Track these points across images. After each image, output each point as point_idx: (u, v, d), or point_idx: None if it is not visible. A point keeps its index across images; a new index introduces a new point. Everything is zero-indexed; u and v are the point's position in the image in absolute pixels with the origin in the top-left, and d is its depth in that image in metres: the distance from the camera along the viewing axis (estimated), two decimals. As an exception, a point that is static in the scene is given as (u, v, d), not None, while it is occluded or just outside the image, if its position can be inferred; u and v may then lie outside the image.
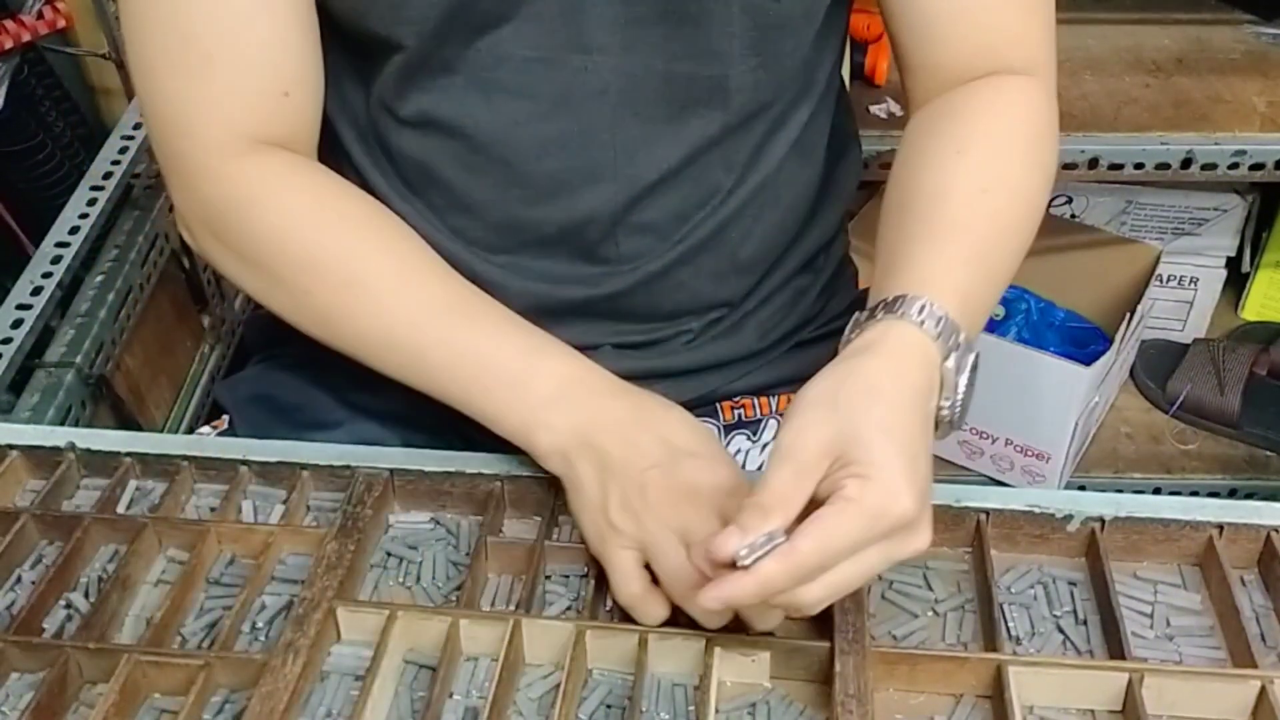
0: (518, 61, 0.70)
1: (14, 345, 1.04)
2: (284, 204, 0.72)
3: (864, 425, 0.56)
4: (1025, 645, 0.65)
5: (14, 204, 1.41)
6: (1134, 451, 1.47)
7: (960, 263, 0.65)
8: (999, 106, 0.73)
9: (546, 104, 0.71)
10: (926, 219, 0.67)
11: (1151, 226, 1.49)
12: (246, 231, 0.72)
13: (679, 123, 0.73)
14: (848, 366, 0.59)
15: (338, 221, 0.72)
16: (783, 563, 0.53)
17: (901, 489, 0.54)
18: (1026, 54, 0.74)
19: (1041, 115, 0.74)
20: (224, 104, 0.70)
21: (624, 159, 0.73)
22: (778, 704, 0.62)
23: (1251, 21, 1.35)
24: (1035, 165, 0.72)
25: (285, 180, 0.72)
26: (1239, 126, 1.18)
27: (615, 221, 0.75)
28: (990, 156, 0.70)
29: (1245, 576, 0.68)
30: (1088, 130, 1.17)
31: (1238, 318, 1.61)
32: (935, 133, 0.73)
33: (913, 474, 0.55)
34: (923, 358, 0.60)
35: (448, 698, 0.62)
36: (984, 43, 0.73)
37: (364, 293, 0.71)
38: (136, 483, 0.75)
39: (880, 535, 0.55)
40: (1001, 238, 0.69)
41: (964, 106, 0.73)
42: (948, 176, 0.69)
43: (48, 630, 0.66)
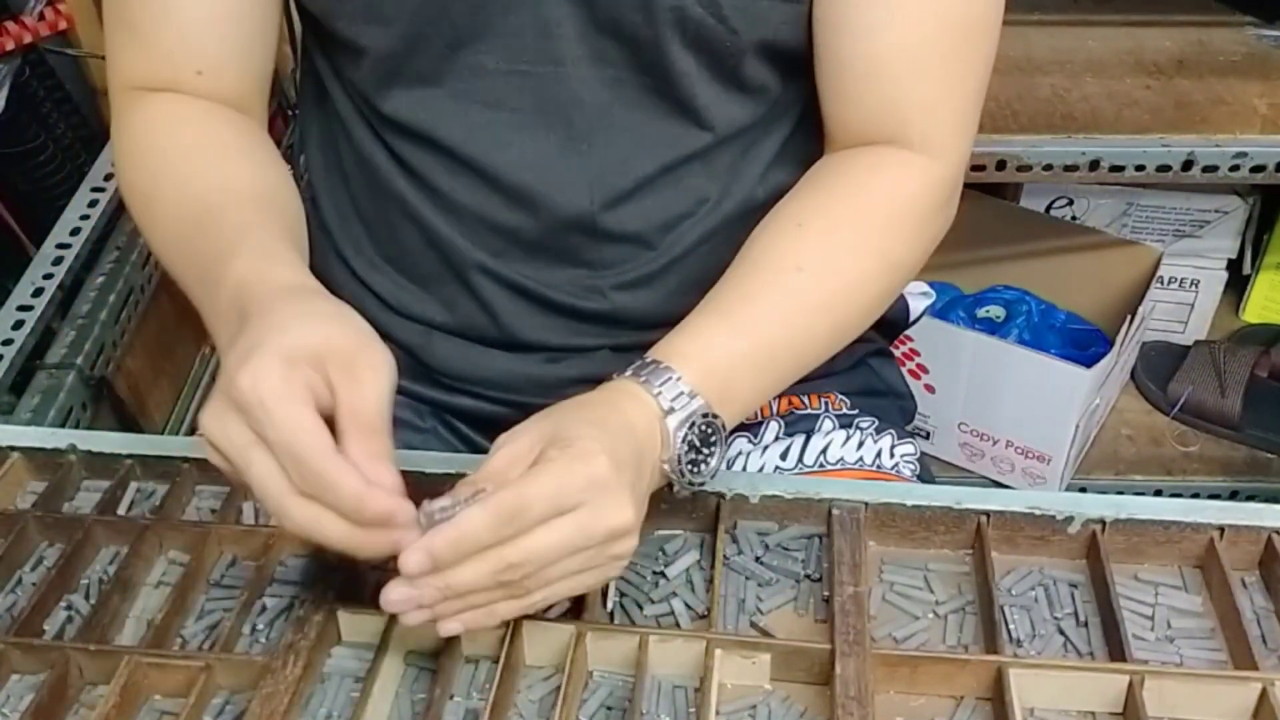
0: (493, 74, 0.71)
1: (15, 346, 1.04)
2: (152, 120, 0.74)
3: (574, 420, 0.60)
4: (1026, 647, 0.65)
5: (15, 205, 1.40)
6: (1135, 453, 1.48)
7: (726, 336, 0.67)
8: (866, 185, 0.72)
9: (522, 114, 0.72)
10: (726, 287, 0.70)
11: (1152, 228, 1.49)
12: (123, 161, 0.75)
13: (653, 134, 0.74)
14: (575, 398, 0.64)
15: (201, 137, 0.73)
16: (480, 508, 0.55)
17: (596, 453, 0.57)
18: (929, 133, 0.72)
19: (913, 200, 0.73)
20: (137, 63, 0.75)
21: (599, 168, 0.74)
22: (778, 706, 0.62)
23: (1252, 23, 1.35)
24: (876, 253, 0.71)
25: (158, 117, 0.74)
26: (1240, 128, 1.18)
27: (593, 229, 0.76)
28: (824, 235, 0.70)
29: (1246, 578, 0.68)
30: (1089, 132, 1.17)
31: (1239, 320, 1.61)
32: (789, 202, 0.73)
33: (612, 448, 0.58)
34: (641, 407, 0.63)
35: (448, 700, 0.62)
36: (887, 111, 0.72)
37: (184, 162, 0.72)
38: (137, 484, 0.75)
39: (576, 495, 0.56)
40: (800, 315, 0.69)
41: (830, 177, 0.73)
42: (773, 248, 0.71)
43: (48, 632, 0.66)
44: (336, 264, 0.83)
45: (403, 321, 0.82)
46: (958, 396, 1.43)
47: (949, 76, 0.71)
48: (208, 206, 0.68)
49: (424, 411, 0.85)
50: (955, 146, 0.73)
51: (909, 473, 0.84)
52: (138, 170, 0.74)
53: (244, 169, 0.72)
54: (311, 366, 0.55)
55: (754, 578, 0.68)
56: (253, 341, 0.56)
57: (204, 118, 0.74)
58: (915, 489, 0.72)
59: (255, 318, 0.58)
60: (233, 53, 0.75)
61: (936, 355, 1.42)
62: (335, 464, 0.54)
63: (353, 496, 0.54)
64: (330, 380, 0.56)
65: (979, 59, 0.72)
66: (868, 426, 0.84)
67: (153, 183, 0.73)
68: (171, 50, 0.73)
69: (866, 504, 0.69)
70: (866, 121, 0.72)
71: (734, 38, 0.70)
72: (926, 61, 0.70)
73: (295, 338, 0.56)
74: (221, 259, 0.64)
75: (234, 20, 0.74)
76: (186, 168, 0.72)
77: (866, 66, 0.71)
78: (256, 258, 0.63)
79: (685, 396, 0.64)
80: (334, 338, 0.57)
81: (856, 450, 0.83)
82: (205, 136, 0.73)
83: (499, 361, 0.81)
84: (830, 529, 0.68)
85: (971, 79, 0.72)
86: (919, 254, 0.74)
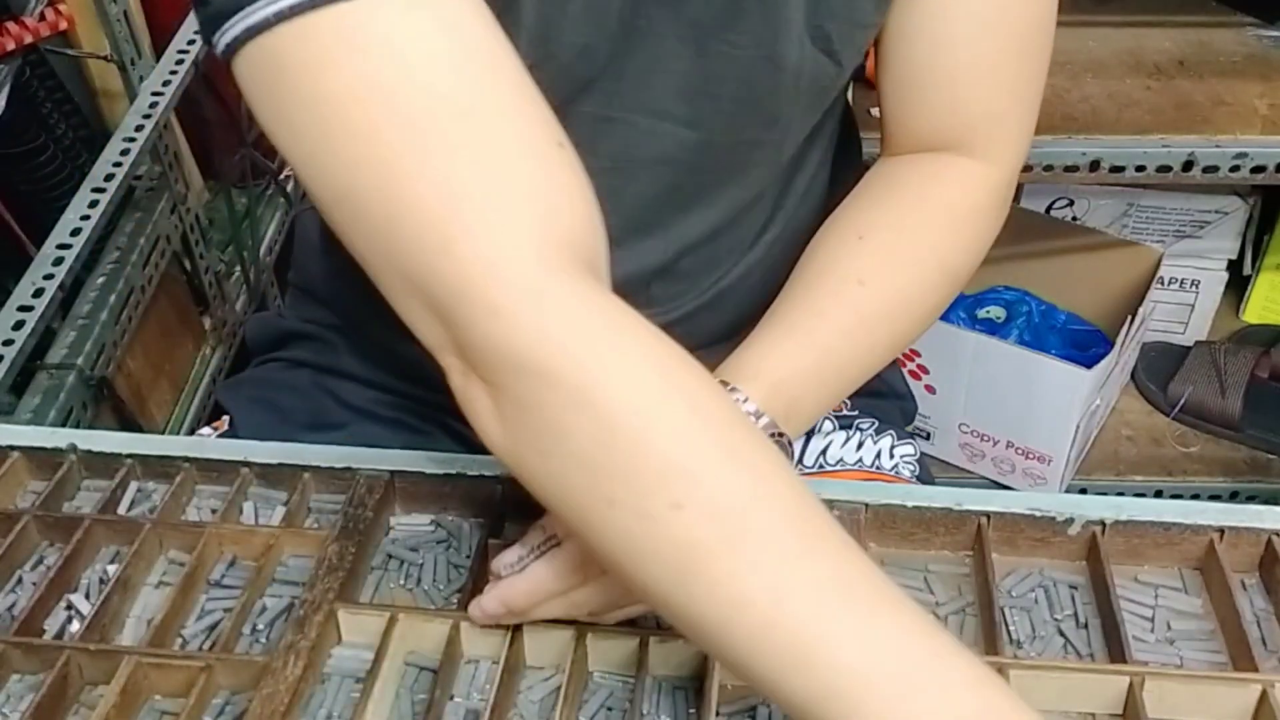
0: (586, 118, 0.68)
1: (15, 347, 1.04)
2: (623, 384, 0.51)
3: None
4: (1026, 648, 0.65)
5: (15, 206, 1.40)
6: (1135, 454, 1.48)
7: (792, 352, 0.66)
8: (930, 194, 0.72)
9: (608, 161, 0.69)
10: (789, 301, 0.69)
11: (1153, 229, 1.49)
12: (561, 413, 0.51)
13: (731, 185, 0.73)
14: None
15: (704, 429, 0.51)
16: (549, 561, 0.58)
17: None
18: (993, 140, 0.72)
19: (974, 210, 0.73)
20: (513, 184, 0.52)
21: (674, 218, 0.73)
22: (778, 707, 0.62)
23: (1253, 24, 1.35)
24: (935, 265, 0.71)
25: (613, 337, 0.53)
26: (1240, 129, 1.17)
27: (655, 275, 0.75)
28: (884, 247, 0.70)
29: (1246, 580, 0.68)
30: (1089, 133, 1.17)
31: (1239, 320, 1.61)
32: (850, 211, 0.73)
33: None
34: None
35: (448, 700, 0.62)
36: (956, 120, 0.72)
37: (743, 541, 0.49)
38: (138, 484, 0.75)
39: None
40: (861, 328, 0.69)
41: (892, 186, 0.73)
42: (833, 262, 0.70)
43: (49, 632, 0.66)
44: (331, 272, 0.83)
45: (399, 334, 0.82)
46: (958, 397, 1.43)
47: (1018, 85, 0.72)
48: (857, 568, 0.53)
49: (423, 413, 0.85)
50: (1016, 152, 0.74)
51: (909, 473, 0.84)
52: (677, 460, 0.50)
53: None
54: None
55: (754, 578, 0.68)
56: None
57: (657, 340, 0.53)
58: (915, 490, 0.72)
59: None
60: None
61: (937, 356, 1.42)
62: None
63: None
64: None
65: (1042, 65, 0.72)
66: (868, 427, 0.84)
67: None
68: (524, 124, 0.54)
69: (866, 505, 0.69)
70: (934, 130, 0.72)
71: (839, 71, 0.69)
72: (1000, 72, 0.70)
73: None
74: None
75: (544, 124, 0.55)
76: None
77: (941, 77, 0.71)
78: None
79: (752, 418, 0.63)
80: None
81: (856, 451, 0.83)
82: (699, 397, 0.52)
83: None
84: (830, 530, 0.68)
85: (1034, 85, 0.73)
86: (975, 260, 0.74)
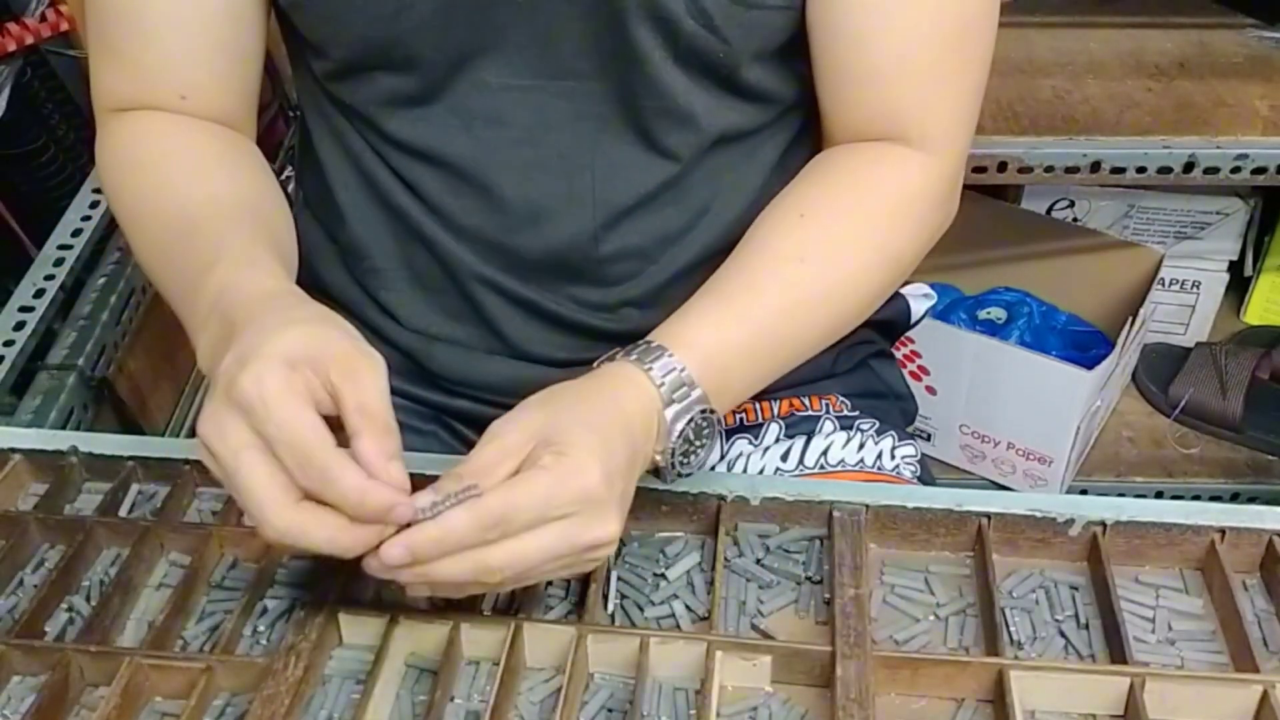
0: (495, 89, 0.71)
1: (16, 348, 1.04)
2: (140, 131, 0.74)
3: (568, 418, 0.59)
4: (1027, 649, 0.65)
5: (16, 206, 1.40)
6: (1136, 455, 1.48)
7: (728, 325, 0.67)
8: (866, 178, 0.72)
9: (524, 130, 0.72)
10: (728, 277, 0.70)
11: (1154, 230, 1.50)
12: (107, 175, 0.76)
13: (654, 150, 0.74)
14: (570, 383, 0.64)
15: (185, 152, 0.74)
16: (466, 511, 0.55)
17: (591, 467, 0.57)
18: (927, 131, 0.72)
19: (914, 195, 0.73)
20: (120, 87, 0.75)
21: (601, 184, 0.74)
22: (779, 708, 0.62)
23: (1254, 25, 1.35)
24: (876, 246, 0.72)
25: (141, 131, 0.74)
26: (1241, 130, 1.17)
27: (596, 246, 0.76)
28: (826, 227, 0.71)
29: (1247, 581, 0.68)
30: (1090, 134, 1.17)
31: (1240, 321, 1.61)
32: (790, 192, 0.73)
33: (605, 461, 0.58)
34: (641, 395, 0.63)
35: (449, 701, 0.62)
36: (884, 113, 0.72)
37: (166, 173, 0.72)
38: (139, 486, 0.75)
39: (565, 505, 0.56)
40: (800, 307, 0.69)
41: (831, 171, 0.73)
42: (775, 238, 0.71)
43: (50, 633, 0.66)
44: (336, 268, 0.83)
45: (402, 329, 0.82)
46: (959, 398, 1.43)
47: (946, 77, 0.72)
48: (190, 218, 0.68)
49: (425, 414, 0.85)
50: (954, 143, 0.74)
51: (910, 474, 0.84)
52: (121, 184, 0.74)
53: (228, 178, 0.72)
54: (311, 369, 0.56)
55: (755, 580, 0.68)
56: (248, 345, 0.56)
57: (187, 130, 0.74)
58: (916, 491, 0.72)
59: (245, 325, 0.58)
60: (217, 77, 0.75)
61: (937, 357, 1.42)
62: (339, 458, 0.54)
63: (356, 490, 0.54)
64: (332, 383, 0.56)
65: (976, 57, 0.72)
66: (868, 428, 0.84)
67: (136, 195, 0.73)
68: (154, 75, 0.73)
69: (867, 506, 0.69)
70: (865, 122, 0.73)
71: (727, 48, 0.70)
72: (923, 65, 0.70)
73: (293, 341, 0.56)
74: (204, 268, 0.64)
75: (217, 47, 0.74)
76: (169, 179, 0.72)
77: (863, 72, 0.71)
78: (238, 265, 0.63)
79: (686, 388, 0.64)
80: (331, 341, 0.57)
81: (857, 452, 0.83)
82: (189, 147, 0.73)
83: (502, 368, 0.81)
84: (831, 531, 0.68)
85: (968, 78, 0.73)
86: (919, 248, 0.74)
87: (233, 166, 0.74)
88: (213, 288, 0.62)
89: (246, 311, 0.59)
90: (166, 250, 0.69)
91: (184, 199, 0.70)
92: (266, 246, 0.67)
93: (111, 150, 0.75)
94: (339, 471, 0.54)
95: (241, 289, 0.61)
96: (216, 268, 0.63)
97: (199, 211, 0.68)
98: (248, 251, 0.65)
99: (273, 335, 0.56)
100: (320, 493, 0.54)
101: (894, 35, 0.69)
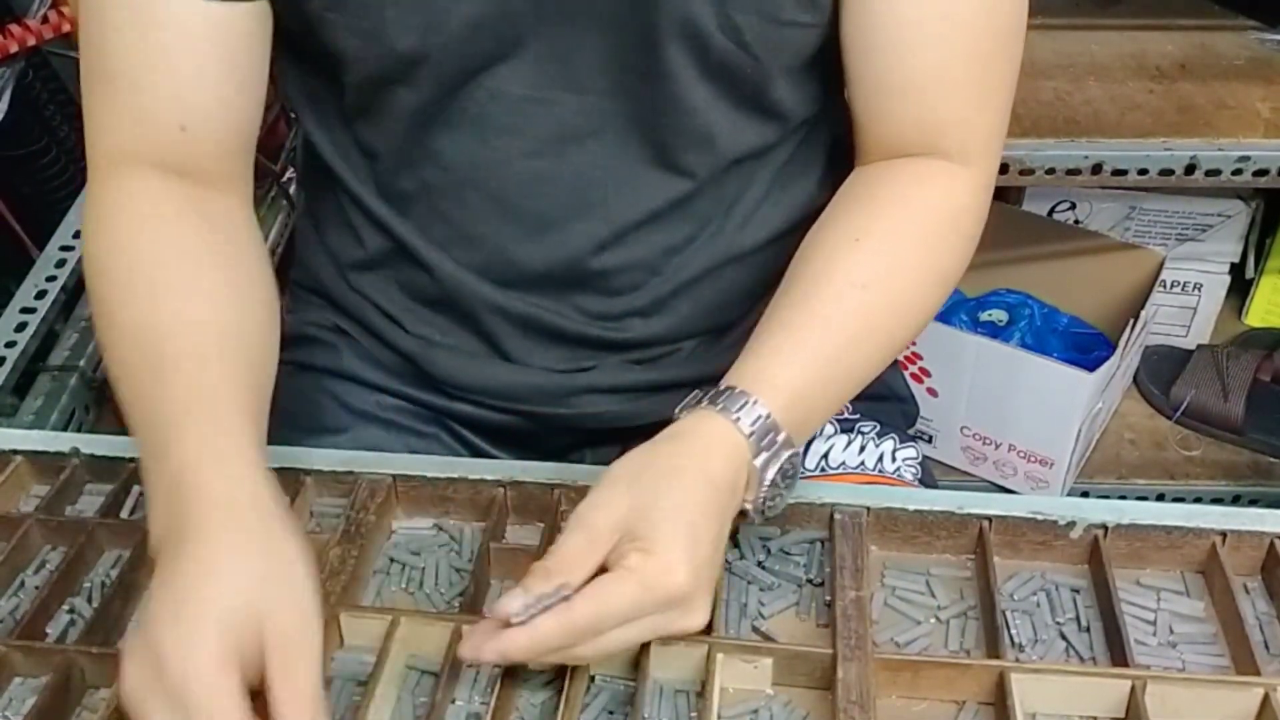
0: (512, 100, 0.70)
1: (18, 349, 1.04)
2: (118, 231, 0.68)
3: (656, 505, 0.58)
4: (1028, 652, 0.64)
5: (18, 208, 1.41)
6: (1137, 457, 1.47)
7: (805, 362, 0.66)
8: (913, 198, 0.72)
9: (538, 142, 0.72)
10: (794, 307, 0.68)
11: (1155, 232, 1.49)
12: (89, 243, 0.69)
13: (666, 167, 0.74)
14: (656, 450, 0.62)
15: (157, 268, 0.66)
16: (557, 620, 0.56)
17: (679, 566, 0.57)
18: (966, 144, 0.72)
19: (960, 211, 0.73)
20: (115, 122, 0.69)
21: (613, 198, 0.74)
22: (780, 710, 0.62)
23: (1255, 27, 1.35)
24: (930, 267, 0.71)
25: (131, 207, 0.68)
26: (1243, 132, 1.17)
27: (600, 259, 0.76)
28: (883, 251, 0.70)
29: (1248, 584, 0.68)
30: (1091, 136, 1.17)
31: (1241, 324, 1.61)
32: (840, 215, 0.72)
33: (693, 555, 0.57)
34: (731, 452, 0.62)
35: (450, 703, 0.62)
36: (923, 127, 0.71)
37: (150, 296, 0.65)
38: (140, 487, 0.75)
39: (654, 607, 0.57)
40: (866, 335, 0.68)
41: (878, 191, 0.72)
42: (833, 266, 0.69)
43: (51, 635, 0.66)
44: (335, 276, 0.83)
45: (402, 333, 0.82)
46: (960, 400, 1.42)
47: (982, 88, 0.71)
48: (165, 352, 0.63)
49: (426, 417, 0.85)
50: (991, 155, 0.74)
51: (911, 476, 0.84)
52: (102, 271, 0.67)
53: (215, 302, 0.66)
54: (246, 640, 0.54)
55: (756, 582, 0.68)
56: (185, 587, 0.54)
57: (181, 216, 0.68)
58: (917, 494, 0.72)
59: (193, 536, 0.56)
60: (220, 103, 0.69)
61: (939, 359, 1.42)
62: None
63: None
64: (268, 668, 0.54)
65: (1009, 67, 0.72)
66: (869, 430, 0.84)
67: (114, 295, 0.66)
68: (155, 102, 0.68)
69: (868, 508, 0.69)
70: (902, 137, 0.72)
71: (755, 64, 0.69)
72: (960, 77, 0.70)
73: (231, 607, 0.54)
74: (168, 426, 0.60)
75: (225, 66, 0.68)
76: (153, 291, 0.65)
77: (901, 84, 0.70)
78: (202, 448, 0.59)
79: (773, 434, 0.63)
80: (273, 615, 0.54)
81: (858, 454, 0.83)
82: (183, 253, 0.67)
83: (502, 373, 0.81)
84: (832, 533, 0.68)
85: (1003, 89, 0.72)
86: (963, 263, 0.74)
87: (224, 284, 0.67)
88: (173, 463, 0.58)
89: (200, 516, 0.57)
90: (134, 376, 0.64)
91: (165, 322, 0.64)
92: (241, 408, 0.62)
93: (99, 214, 0.69)
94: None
95: (201, 486, 0.57)
96: (182, 440, 0.59)
97: (177, 346, 0.63)
98: (218, 426, 0.60)
99: (210, 580, 0.54)
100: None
101: (931, 48, 0.69)
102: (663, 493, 0.59)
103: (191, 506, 0.57)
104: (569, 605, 0.56)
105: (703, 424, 0.63)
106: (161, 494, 0.59)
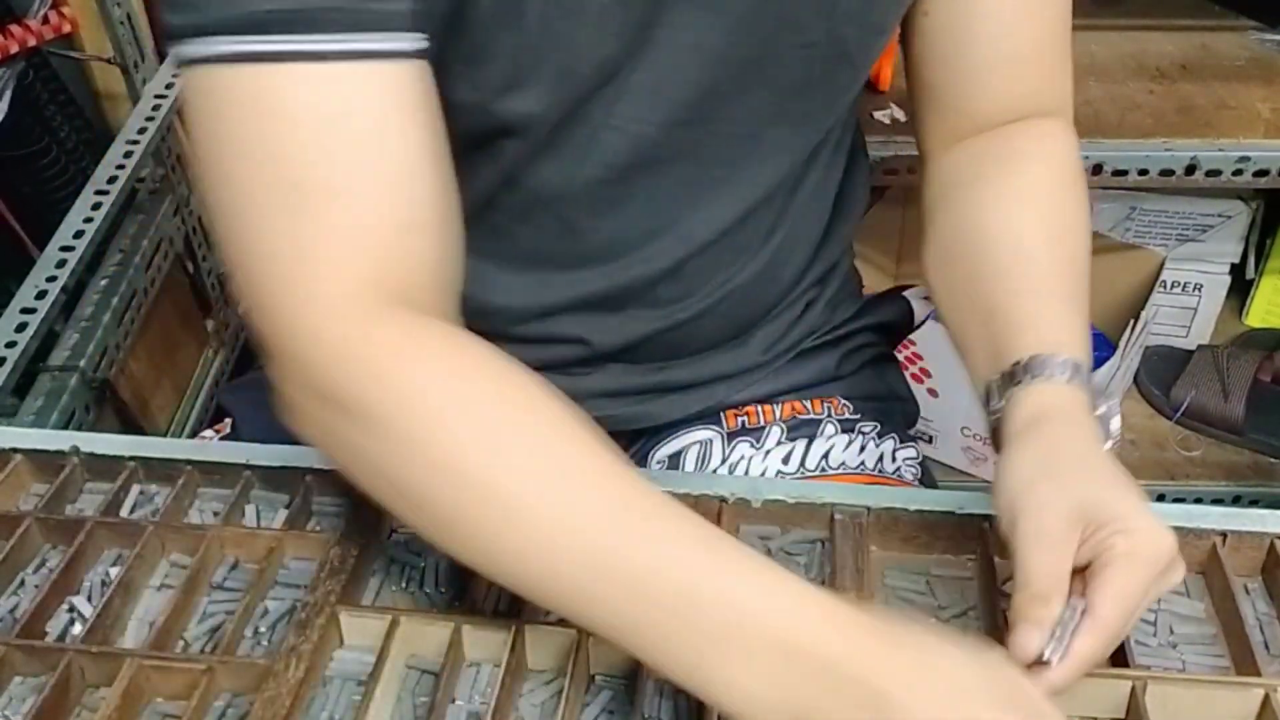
0: (594, 127, 0.68)
1: (18, 349, 1.04)
2: (416, 387, 0.55)
3: (1096, 488, 0.58)
4: (1028, 652, 0.64)
5: (19, 208, 1.41)
6: (1138, 458, 1.47)
7: (1067, 312, 0.67)
8: (1044, 153, 0.74)
9: (618, 170, 0.70)
10: (1022, 273, 0.68)
11: (1155, 233, 1.49)
12: (371, 414, 0.55)
13: (741, 181, 0.73)
14: (1044, 441, 0.61)
15: (481, 412, 0.56)
16: (1093, 637, 0.54)
17: (1160, 529, 0.56)
18: (1058, 98, 0.76)
19: (1075, 155, 0.76)
20: (340, 246, 0.55)
21: (686, 216, 0.73)
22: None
23: (1256, 28, 1.35)
24: (1081, 206, 0.73)
25: (418, 351, 0.56)
26: (1243, 133, 1.17)
27: (663, 277, 0.76)
28: (1052, 205, 0.72)
29: (1249, 584, 0.68)
30: (1092, 136, 1.17)
31: (1242, 324, 1.61)
32: (987, 181, 0.73)
33: (1147, 504, 0.57)
34: (1087, 410, 0.63)
35: (450, 703, 0.62)
36: (1025, 90, 0.74)
37: (517, 510, 0.54)
38: (140, 487, 0.75)
39: (1157, 577, 0.56)
40: (1082, 280, 0.70)
41: (1012, 155, 0.74)
42: (1023, 227, 0.70)
43: (50, 634, 0.66)
44: None
45: None
46: (961, 401, 1.42)
47: (1065, 43, 0.76)
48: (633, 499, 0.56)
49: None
50: (1071, 100, 0.77)
51: (911, 477, 0.84)
52: (454, 446, 0.54)
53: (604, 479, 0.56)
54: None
55: (756, 582, 0.68)
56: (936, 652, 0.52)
57: (500, 371, 0.57)
58: (918, 494, 0.72)
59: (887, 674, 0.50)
60: (435, 197, 0.58)
61: (940, 359, 1.42)
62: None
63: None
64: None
65: (1068, 12, 0.76)
66: (870, 430, 0.84)
67: (512, 489, 0.54)
68: (386, 208, 0.56)
69: (869, 508, 0.69)
70: (1006, 106, 0.75)
71: (853, 75, 0.71)
72: (1049, 42, 0.74)
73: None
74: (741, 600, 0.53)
75: (429, 156, 0.57)
76: (568, 479, 0.55)
77: (1003, 60, 0.73)
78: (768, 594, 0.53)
79: (1090, 382, 0.64)
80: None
81: (859, 454, 0.83)
82: (540, 425, 0.57)
83: None
84: (833, 534, 0.68)
85: (1067, 33, 0.76)
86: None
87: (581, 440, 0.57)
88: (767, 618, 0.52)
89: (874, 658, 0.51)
90: (570, 577, 0.54)
91: (600, 515, 0.54)
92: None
93: (415, 404, 0.55)
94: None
95: (810, 625, 0.51)
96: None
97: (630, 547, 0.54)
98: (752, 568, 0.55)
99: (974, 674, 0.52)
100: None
101: (1032, 19, 0.72)
102: (1090, 474, 0.59)
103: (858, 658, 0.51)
104: (1096, 618, 0.54)
105: (1056, 398, 0.62)
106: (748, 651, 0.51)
